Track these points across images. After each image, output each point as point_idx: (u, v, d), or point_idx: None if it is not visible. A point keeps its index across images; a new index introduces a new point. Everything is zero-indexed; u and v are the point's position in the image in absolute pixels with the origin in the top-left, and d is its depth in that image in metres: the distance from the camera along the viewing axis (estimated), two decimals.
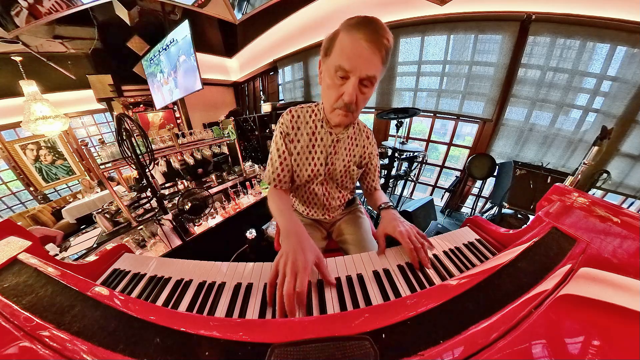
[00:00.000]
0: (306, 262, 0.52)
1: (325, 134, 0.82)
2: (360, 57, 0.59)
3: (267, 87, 4.94)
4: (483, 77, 2.78)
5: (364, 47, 0.58)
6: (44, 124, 3.19)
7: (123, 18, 3.33)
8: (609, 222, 0.54)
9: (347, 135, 0.85)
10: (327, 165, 0.86)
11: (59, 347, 0.36)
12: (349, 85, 0.62)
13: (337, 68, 0.62)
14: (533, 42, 2.41)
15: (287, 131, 0.82)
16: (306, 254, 0.54)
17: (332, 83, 0.65)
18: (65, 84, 4.24)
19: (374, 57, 0.59)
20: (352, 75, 0.61)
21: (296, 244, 0.56)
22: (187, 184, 2.33)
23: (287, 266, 0.51)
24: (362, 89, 0.64)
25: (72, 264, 0.67)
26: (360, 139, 0.90)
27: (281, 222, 0.68)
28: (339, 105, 0.67)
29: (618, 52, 2.11)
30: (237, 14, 2.76)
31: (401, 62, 3.22)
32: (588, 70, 2.27)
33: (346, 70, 0.61)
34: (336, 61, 0.62)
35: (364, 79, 0.61)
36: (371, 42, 0.57)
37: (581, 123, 2.42)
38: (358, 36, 0.58)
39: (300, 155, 0.84)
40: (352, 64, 0.60)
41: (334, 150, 0.85)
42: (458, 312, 0.40)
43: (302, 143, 0.83)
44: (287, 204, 0.79)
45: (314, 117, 0.83)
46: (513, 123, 2.75)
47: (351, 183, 0.96)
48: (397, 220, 0.69)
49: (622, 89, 2.14)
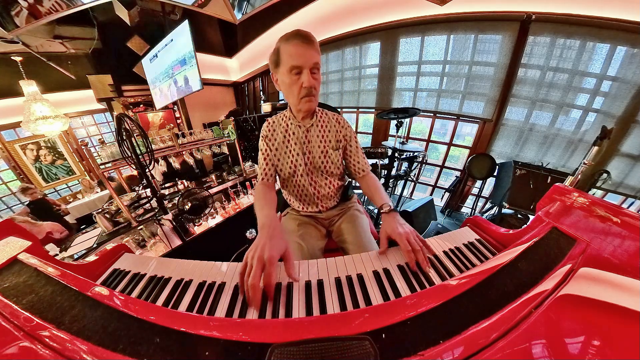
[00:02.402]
0: (272, 255, 0.56)
1: (295, 128, 0.96)
2: (304, 53, 0.77)
3: (267, 87, 4.93)
4: (483, 77, 2.78)
5: (304, 47, 0.77)
6: (44, 124, 3.19)
7: (123, 18, 3.33)
8: (609, 222, 0.54)
9: (314, 123, 0.96)
10: (305, 155, 0.97)
11: (59, 347, 0.36)
12: (305, 75, 0.79)
13: (292, 68, 0.78)
14: (533, 42, 2.41)
15: (266, 134, 0.99)
16: (273, 247, 0.58)
17: (290, 81, 0.81)
18: (65, 84, 4.24)
19: (312, 50, 0.78)
20: (304, 68, 0.78)
21: (266, 238, 0.61)
22: (187, 184, 2.33)
23: (254, 258, 0.55)
24: (314, 75, 0.80)
25: (72, 264, 0.67)
26: (330, 124, 1.00)
27: (259, 217, 0.76)
28: (303, 93, 0.82)
29: (618, 52, 2.11)
30: (237, 14, 2.76)
31: (401, 62, 3.22)
32: (588, 70, 2.27)
33: (299, 66, 0.78)
34: (288, 64, 0.78)
35: (312, 67, 0.79)
36: (306, 42, 0.77)
37: (581, 123, 2.42)
38: (296, 42, 0.77)
39: (278, 150, 0.98)
40: (301, 60, 0.77)
41: (306, 140, 0.96)
42: (458, 312, 0.40)
43: (278, 140, 0.98)
44: (268, 200, 0.86)
45: (285, 118, 0.98)
46: (513, 123, 2.75)
47: (335, 168, 1.00)
48: (397, 223, 0.72)
49: (622, 89, 2.14)
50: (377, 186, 0.94)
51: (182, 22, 3.33)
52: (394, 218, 0.75)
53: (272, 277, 0.53)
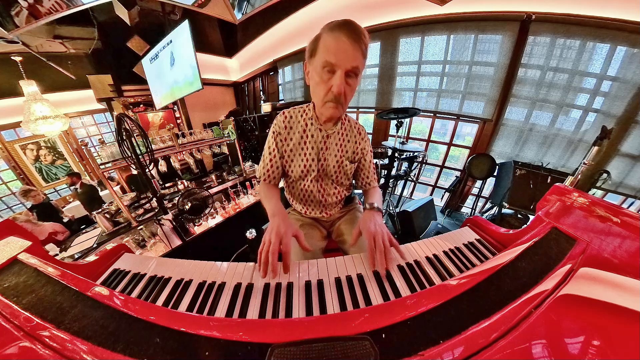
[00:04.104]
0: (287, 230, 0.63)
1: (315, 130, 0.87)
2: (344, 51, 0.65)
3: (267, 87, 4.94)
4: (483, 77, 2.78)
5: (346, 43, 0.64)
6: (44, 124, 3.19)
7: (123, 18, 3.32)
8: (609, 222, 0.54)
9: (336, 130, 0.89)
10: (319, 161, 0.90)
11: (59, 347, 0.36)
12: (337, 78, 0.67)
13: (325, 64, 0.67)
14: (533, 42, 2.41)
15: (279, 131, 0.88)
16: (288, 225, 0.65)
17: (320, 79, 0.71)
18: (65, 84, 4.24)
19: (355, 50, 0.65)
20: (338, 69, 0.66)
21: (279, 220, 0.66)
22: (187, 184, 2.33)
23: (272, 234, 0.61)
24: (348, 81, 0.69)
25: (72, 264, 0.67)
26: (352, 134, 0.93)
27: (268, 207, 0.77)
28: (329, 98, 0.72)
29: (618, 52, 2.11)
30: (237, 14, 2.76)
31: (401, 62, 3.22)
32: (588, 70, 2.27)
33: (332, 64, 0.66)
34: (322, 58, 0.67)
35: (349, 71, 0.67)
36: (351, 38, 0.64)
37: (581, 123, 2.42)
38: (340, 34, 0.64)
39: (292, 151, 0.89)
40: (337, 58, 0.65)
41: (324, 146, 0.88)
42: (458, 312, 0.40)
43: (294, 140, 0.88)
44: (274, 194, 0.86)
45: (305, 115, 0.88)
46: (513, 123, 2.75)
47: (346, 179, 0.97)
48: (373, 221, 0.71)
49: (622, 89, 2.14)
50: (374, 192, 0.94)
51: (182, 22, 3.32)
52: (372, 215, 0.74)
53: (289, 246, 0.60)
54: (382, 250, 0.61)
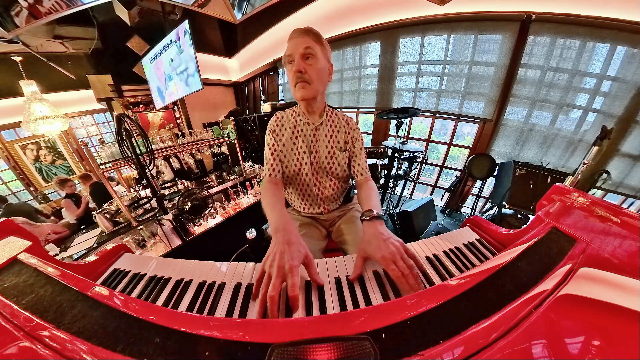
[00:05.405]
0: (293, 265, 0.51)
1: (304, 124, 0.95)
2: (295, 43, 0.80)
3: (267, 87, 4.93)
4: (483, 77, 2.78)
5: (297, 37, 0.80)
6: (44, 124, 3.19)
7: (123, 18, 3.32)
8: (609, 222, 0.54)
9: (323, 122, 0.96)
10: (311, 154, 0.95)
11: (59, 347, 0.36)
12: (295, 62, 0.80)
13: (287, 60, 0.82)
14: (533, 42, 2.41)
15: (274, 129, 0.96)
16: (293, 255, 0.54)
17: (289, 72, 0.84)
18: (65, 84, 4.24)
19: (305, 37, 0.80)
20: (295, 54, 0.80)
21: (283, 243, 0.56)
22: (187, 184, 2.33)
23: (273, 267, 0.52)
24: (307, 62, 0.80)
25: (72, 264, 0.67)
26: (340, 125, 0.98)
27: (271, 218, 0.71)
28: (295, 80, 0.81)
29: (618, 52, 2.11)
30: (237, 14, 2.75)
31: (401, 62, 3.22)
32: (588, 70, 2.27)
33: (290, 55, 0.81)
34: (285, 58, 0.83)
35: (303, 54, 0.79)
36: (299, 32, 0.81)
37: (581, 123, 2.42)
38: (292, 36, 0.82)
39: (285, 146, 0.95)
40: (292, 49, 0.80)
41: (314, 138, 0.95)
42: (458, 312, 0.40)
43: (286, 136, 0.96)
44: (279, 199, 0.83)
45: (294, 114, 0.97)
46: (513, 123, 2.75)
47: (341, 170, 0.98)
48: (380, 239, 0.60)
49: (622, 89, 2.14)
50: (370, 193, 0.88)
51: (182, 22, 3.33)
52: (376, 229, 0.64)
53: (296, 288, 0.48)
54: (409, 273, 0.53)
